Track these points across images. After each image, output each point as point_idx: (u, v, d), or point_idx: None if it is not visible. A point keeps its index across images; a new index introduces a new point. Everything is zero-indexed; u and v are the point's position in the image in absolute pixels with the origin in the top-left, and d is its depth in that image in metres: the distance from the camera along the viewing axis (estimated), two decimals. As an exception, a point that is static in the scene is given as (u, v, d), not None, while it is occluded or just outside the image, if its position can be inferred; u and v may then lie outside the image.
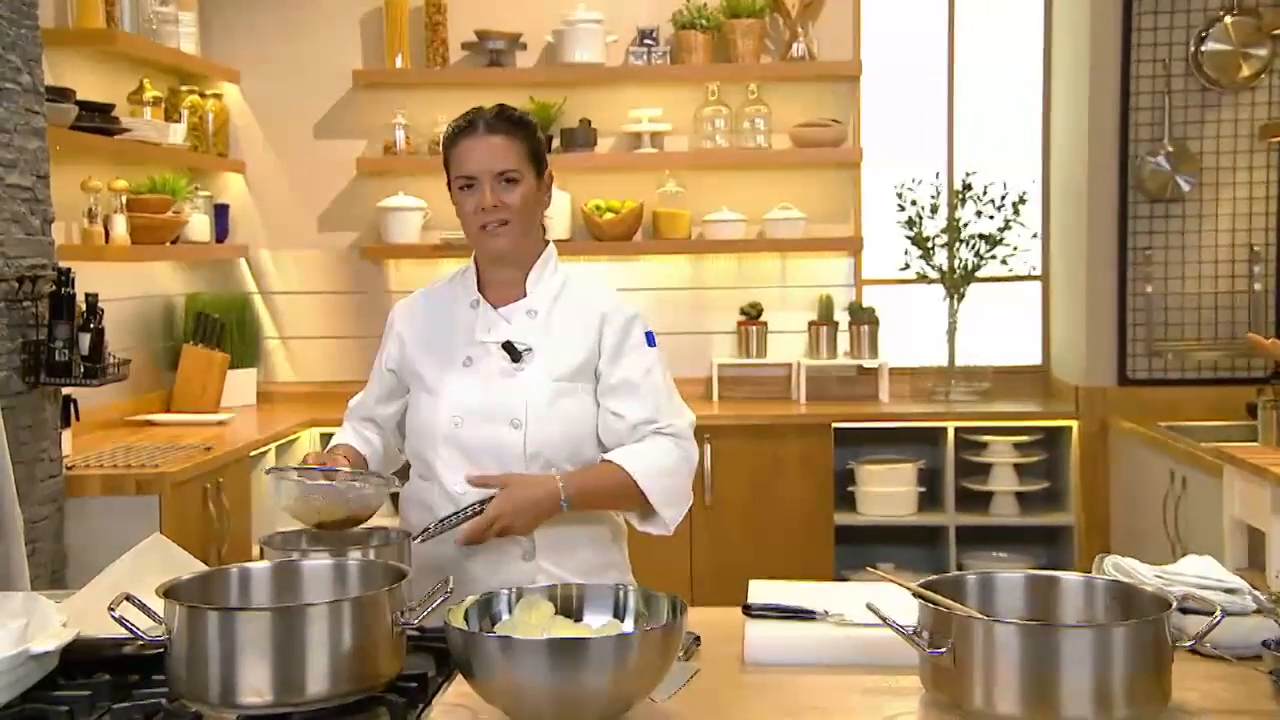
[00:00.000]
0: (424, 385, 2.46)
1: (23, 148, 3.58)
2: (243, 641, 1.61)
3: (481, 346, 2.43)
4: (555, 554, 2.41)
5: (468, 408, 2.40)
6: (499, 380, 2.41)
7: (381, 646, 1.68)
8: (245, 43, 5.43)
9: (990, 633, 1.57)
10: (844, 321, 5.36)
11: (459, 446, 2.39)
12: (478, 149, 2.35)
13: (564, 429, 2.41)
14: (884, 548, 5.24)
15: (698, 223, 5.36)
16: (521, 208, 2.37)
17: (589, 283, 2.53)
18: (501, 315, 2.44)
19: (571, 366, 2.43)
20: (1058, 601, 1.73)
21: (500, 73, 5.30)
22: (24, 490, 3.51)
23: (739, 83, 5.33)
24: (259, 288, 5.54)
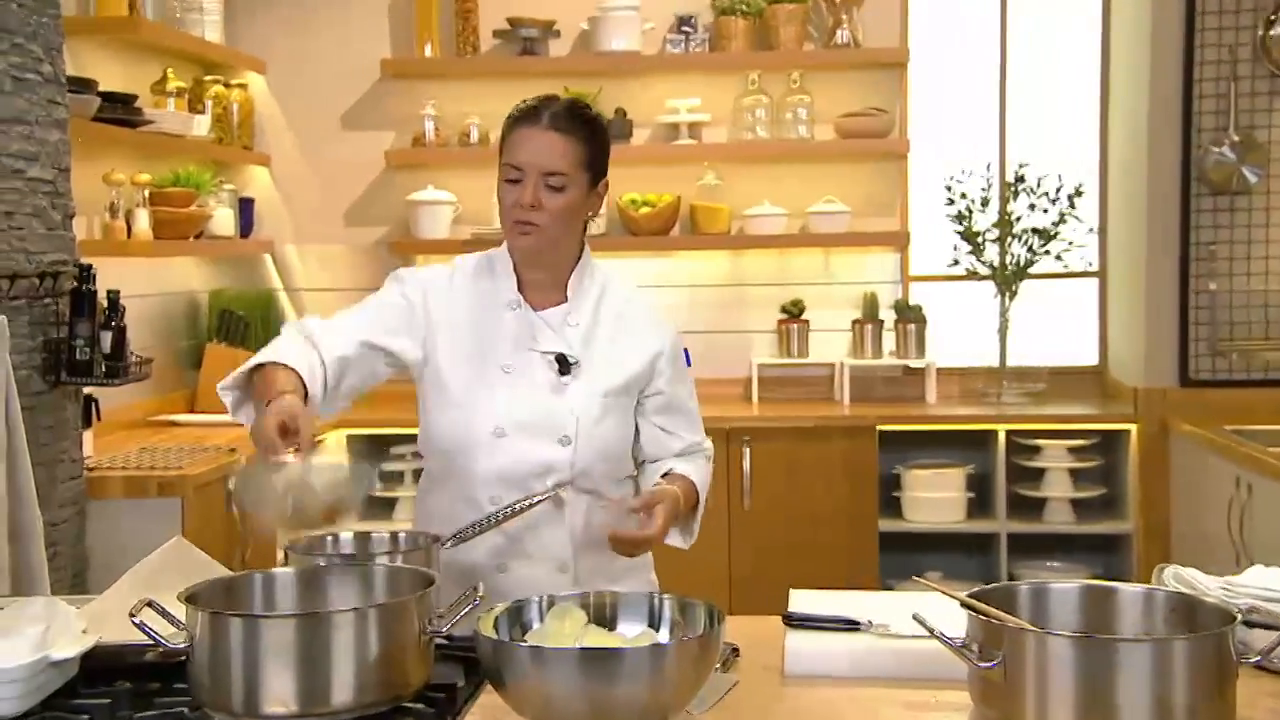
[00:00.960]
0: (452, 389, 2.37)
1: (44, 140, 3.61)
2: (266, 649, 1.62)
3: (525, 355, 2.37)
4: (591, 562, 2.40)
5: (512, 420, 2.34)
6: (545, 393, 2.36)
7: (409, 655, 1.69)
8: (271, 31, 5.47)
9: (1043, 645, 1.56)
10: (889, 320, 5.34)
11: (500, 460, 2.34)
12: (533, 141, 2.28)
13: (608, 446, 2.41)
14: (931, 556, 5.21)
15: (737, 217, 5.35)
16: (560, 214, 2.30)
17: (629, 291, 2.52)
18: (543, 318, 2.40)
19: (621, 382, 2.41)
20: (1115, 614, 1.71)
21: (533, 62, 5.31)
22: (44, 492, 3.55)
23: (781, 71, 5.32)
24: (285, 284, 5.57)
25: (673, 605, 1.73)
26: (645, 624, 1.72)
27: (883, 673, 1.84)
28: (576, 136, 2.31)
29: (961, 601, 1.66)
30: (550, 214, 2.29)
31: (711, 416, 4.86)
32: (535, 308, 2.40)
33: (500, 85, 5.33)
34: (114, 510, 3.77)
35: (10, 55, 3.47)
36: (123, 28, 4.52)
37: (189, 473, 3.80)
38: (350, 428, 5.00)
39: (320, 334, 2.36)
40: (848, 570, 4.81)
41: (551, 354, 2.36)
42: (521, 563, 2.36)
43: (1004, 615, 1.64)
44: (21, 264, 3.47)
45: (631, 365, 2.42)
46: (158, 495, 3.77)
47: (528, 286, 2.40)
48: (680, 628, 1.70)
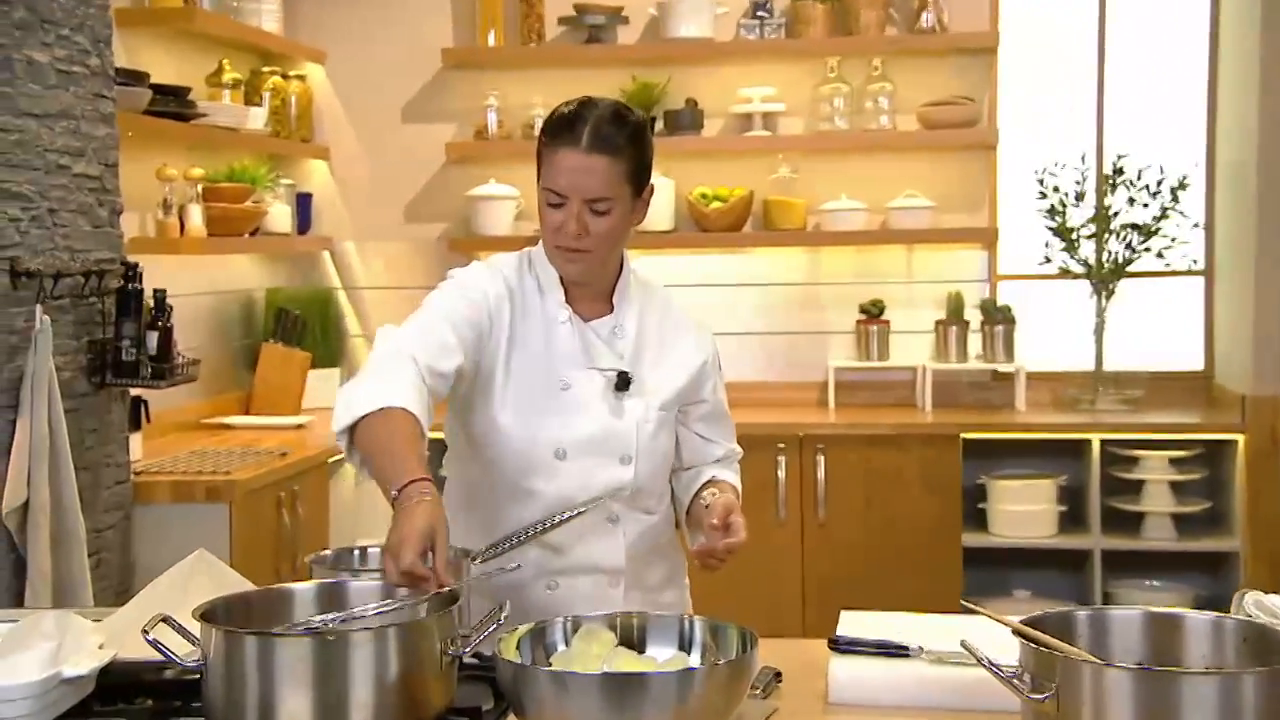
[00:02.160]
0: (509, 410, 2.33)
1: (90, 135, 3.68)
2: (282, 669, 1.63)
3: (584, 373, 2.37)
4: (638, 574, 2.42)
5: (574, 440, 2.34)
6: (605, 412, 2.37)
7: (429, 676, 1.69)
8: (332, 21, 5.52)
9: (1100, 677, 1.53)
10: (975, 321, 5.28)
11: (562, 482, 2.33)
12: (574, 167, 2.23)
13: (662, 462, 2.44)
14: (1019, 573, 5.14)
15: (813, 212, 5.32)
16: (607, 237, 2.29)
17: (662, 291, 2.52)
18: (593, 330, 2.39)
19: (673, 395, 2.44)
20: (1181, 644, 1.67)
21: (600, 50, 5.32)
22: (88, 497, 3.62)
23: (861, 57, 5.27)
24: (343, 282, 5.63)
25: (704, 628, 1.72)
26: (675, 646, 1.71)
27: (931, 702, 1.81)
28: (618, 154, 2.25)
29: (1013, 629, 1.63)
30: (596, 238, 2.28)
31: (784, 423, 4.93)
32: (584, 318, 2.40)
33: (565, 75, 5.34)
34: (161, 516, 3.83)
35: (55, 48, 3.54)
36: (177, 18, 4.59)
37: (237, 478, 3.85)
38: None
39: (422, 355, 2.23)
40: (929, 587, 4.76)
41: (612, 371, 2.37)
42: (572, 578, 2.37)
43: (1059, 644, 1.61)
44: (66, 262, 3.54)
45: (680, 378, 2.45)
46: (205, 501, 3.82)
47: (574, 297, 2.40)
48: (712, 651, 1.69)
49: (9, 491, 3.27)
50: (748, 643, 1.65)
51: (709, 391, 2.49)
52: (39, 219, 3.44)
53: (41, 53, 3.47)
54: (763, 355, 5.42)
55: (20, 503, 3.28)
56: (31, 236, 3.40)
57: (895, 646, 1.89)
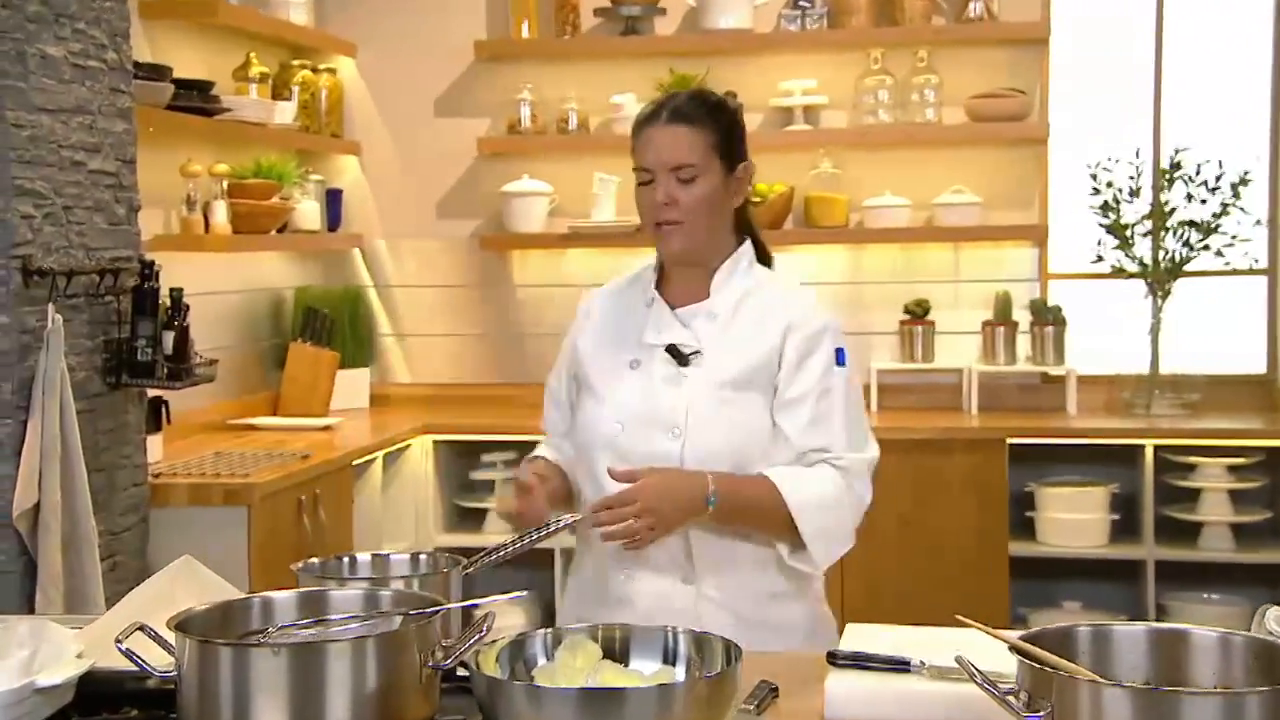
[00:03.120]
0: (589, 388, 2.54)
1: (107, 130, 3.72)
2: (256, 680, 1.63)
3: (648, 349, 2.49)
4: (718, 576, 2.44)
5: (630, 413, 2.46)
6: (662, 385, 2.46)
7: (409, 688, 1.68)
8: (362, 13, 5.55)
9: (1097, 696, 1.50)
10: (1024, 321, 5.23)
11: (619, 454, 2.44)
12: (655, 140, 2.40)
13: (728, 441, 2.43)
14: (1069, 584, 5.09)
15: (856, 209, 5.29)
16: (698, 206, 2.40)
17: (784, 286, 2.56)
18: (678, 317, 2.49)
19: (739, 372, 2.44)
20: (1188, 661, 1.64)
21: (637, 41, 5.31)
22: (103, 499, 3.65)
23: (906, 48, 5.24)
24: (374, 280, 5.65)
25: (688, 641, 1.71)
26: (660, 660, 1.70)
27: (931, 719, 1.79)
28: (701, 125, 2.41)
29: (1010, 645, 1.61)
30: (685, 208, 2.39)
31: (823, 426, 4.88)
32: (675, 305, 2.50)
33: (601, 67, 5.35)
34: (178, 519, 3.86)
35: (70, 42, 3.57)
36: (201, 11, 4.63)
37: (256, 481, 3.87)
38: (436, 433, 5.04)
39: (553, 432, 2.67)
40: (974, 598, 4.71)
41: (665, 346, 2.46)
42: (646, 571, 2.44)
43: (1059, 661, 1.59)
44: (80, 260, 3.57)
45: (751, 356, 2.44)
46: (223, 504, 3.85)
47: (672, 283, 2.52)
48: (696, 665, 1.68)
49: (19, 494, 3.30)
50: (732, 656, 1.63)
51: (799, 383, 2.43)
52: (53, 216, 3.47)
53: (56, 47, 3.51)
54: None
55: (31, 505, 3.32)
56: (45, 234, 3.43)
57: (896, 661, 1.87)
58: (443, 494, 5.13)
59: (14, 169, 3.34)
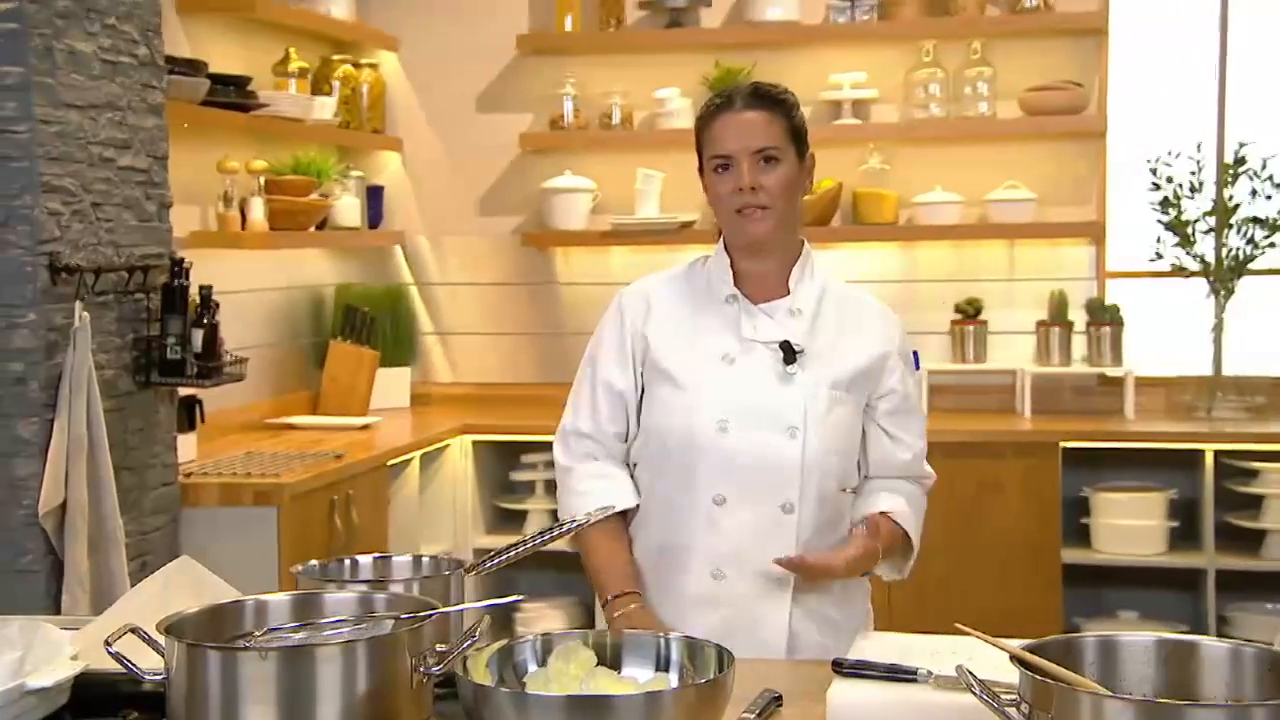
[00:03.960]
0: (674, 381, 2.49)
1: (138, 126, 3.76)
2: (245, 684, 1.64)
3: (747, 344, 2.48)
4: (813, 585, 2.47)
5: (735, 410, 2.44)
6: (770, 382, 2.46)
7: (399, 693, 1.69)
8: (405, 6, 5.58)
9: (1099, 709, 1.48)
10: (1080, 321, 5.17)
11: (723, 454, 2.43)
12: (734, 125, 2.43)
13: (840, 442, 2.48)
14: (1125, 592, 5.03)
15: (906, 205, 5.26)
16: (781, 189, 2.43)
17: (852, 288, 2.62)
18: (764, 312, 2.50)
19: (850, 374, 2.48)
20: (1197, 673, 1.61)
21: (682, 34, 5.31)
22: (133, 498, 3.70)
23: (959, 40, 5.20)
24: (415, 278, 5.68)
25: (681, 647, 1.70)
26: (653, 666, 1.70)
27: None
28: (775, 112, 2.46)
29: (1012, 655, 1.59)
30: (770, 191, 2.42)
31: (870, 428, 4.85)
32: (753, 301, 2.51)
33: (645, 60, 5.34)
34: (209, 519, 3.90)
35: (100, 37, 3.62)
36: (238, 6, 4.67)
37: (286, 481, 3.90)
38: (476, 434, 5.06)
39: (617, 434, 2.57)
40: (1026, 605, 4.68)
41: (775, 342, 2.46)
42: (740, 570, 2.44)
43: (1060, 672, 1.57)
44: (109, 257, 3.62)
45: (860, 358, 2.49)
46: (253, 504, 3.88)
47: (746, 280, 2.52)
48: (690, 672, 1.68)
49: (45, 492, 3.34)
50: (724, 663, 1.63)
51: (897, 381, 2.52)
52: (81, 213, 3.52)
53: (85, 42, 3.55)
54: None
55: (57, 504, 3.36)
56: (72, 231, 3.48)
57: (902, 671, 1.86)
58: (482, 495, 5.15)
59: (41, 165, 3.38)
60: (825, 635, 2.43)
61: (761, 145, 2.41)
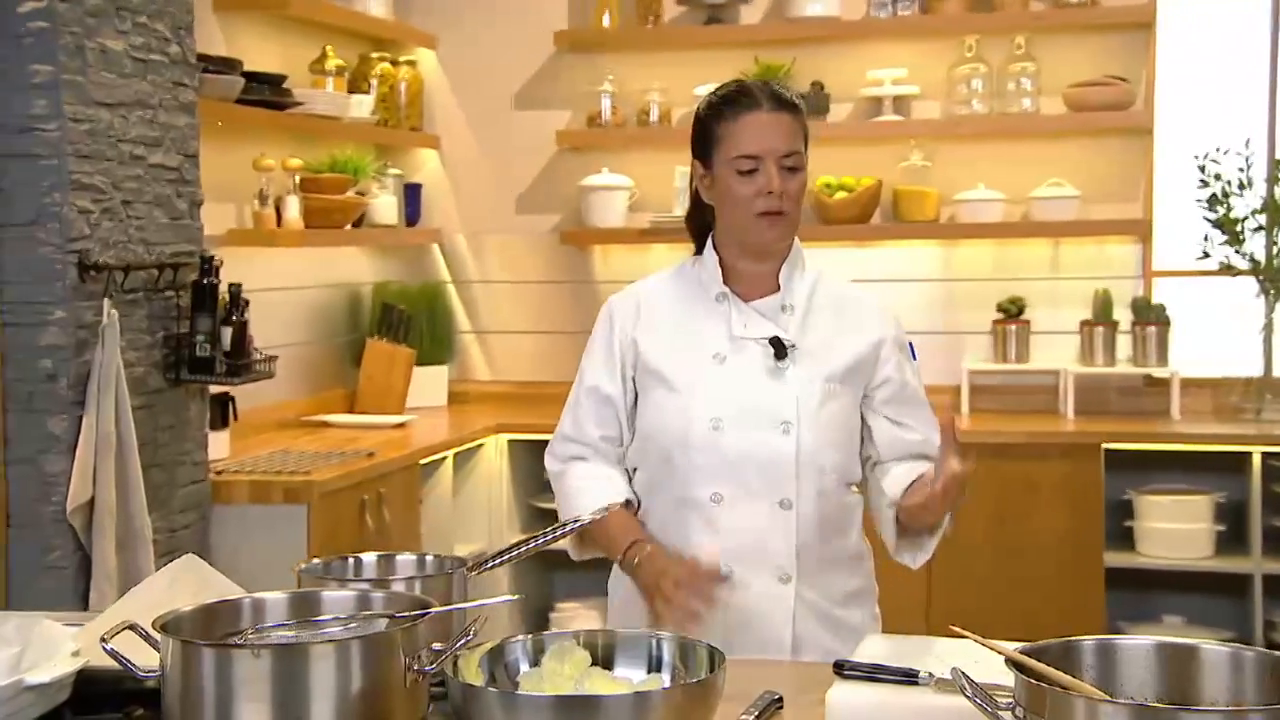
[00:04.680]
0: (666, 383, 2.50)
1: (169, 124, 3.80)
2: (238, 682, 1.65)
3: (737, 342, 2.48)
4: (814, 577, 2.47)
5: (728, 409, 2.44)
6: (762, 379, 2.46)
7: (393, 692, 1.69)
8: (443, 3, 5.60)
9: (1093, 713, 1.47)
10: (1125, 321, 5.12)
11: (718, 452, 2.44)
12: (763, 126, 2.40)
13: (836, 436, 2.48)
14: (1170, 597, 4.98)
15: (947, 203, 5.23)
16: (800, 196, 2.45)
17: (844, 282, 2.61)
18: (755, 310, 2.50)
19: (844, 366, 2.49)
20: (1197, 678, 1.59)
21: (720, 30, 5.30)
22: (163, 495, 3.74)
23: (1002, 35, 5.16)
24: (453, 276, 5.70)
25: (673, 648, 1.70)
26: (644, 666, 1.70)
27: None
28: (796, 112, 2.45)
29: (1008, 658, 1.58)
30: (791, 199, 2.42)
31: (909, 428, 4.83)
32: (744, 299, 2.51)
33: (684, 57, 5.34)
34: (239, 516, 3.94)
35: (132, 36, 3.66)
36: (274, 4, 4.71)
37: (317, 479, 3.93)
38: (511, 432, 5.08)
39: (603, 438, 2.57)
40: (1067, 609, 4.64)
41: (765, 339, 2.46)
42: (741, 570, 2.43)
43: (1056, 675, 1.55)
44: (139, 255, 3.66)
45: (852, 350, 2.49)
46: (283, 502, 3.91)
47: (737, 279, 2.52)
48: (681, 673, 1.68)
49: (73, 489, 3.39)
50: (715, 664, 1.63)
51: (892, 370, 2.51)
52: (111, 211, 3.56)
53: (117, 41, 3.59)
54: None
55: (85, 500, 3.40)
56: (102, 229, 3.52)
57: (903, 673, 1.85)
58: (517, 494, 5.16)
59: (71, 164, 3.43)
60: (831, 636, 2.42)
61: (789, 149, 2.41)
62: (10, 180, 3.41)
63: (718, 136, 2.44)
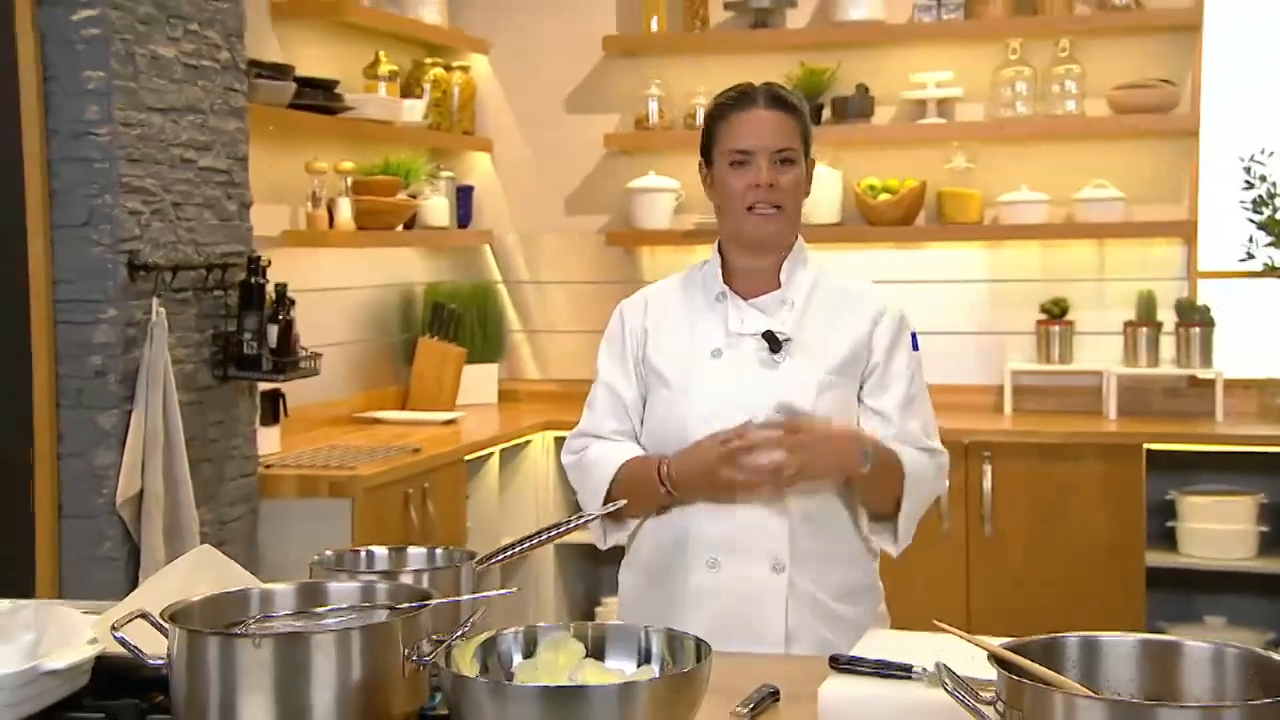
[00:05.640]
0: (665, 381, 2.53)
1: (219, 129, 3.85)
2: (240, 670, 1.67)
3: (734, 338, 2.50)
4: (810, 566, 2.45)
5: (723, 403, 2.45)
6: (757, 373, 2.47)
7: (392, 681, 1.71)
8: (497, 10, 5.63)
9: (1071, 708, 1.45)
10: (1169, 322, 5.05)
11: None
12: (757, 123, 2.46)
13: None
14: (1213, 598, 4.91)
15: (991, 204, 5.19)
16: (794, 190, 2.48)
17: (845, 274, 2.62)
18: (754, 306, 2.52)
19: (838, 359, 2.49)
20: (1179, 675, 1.57)
21: (766, 35, 5.29)
22: (211, 489, 3.79)
23: (1046, 38, 5.12)
24: (504, 276, 5.73)
25: (662, 640, 1.70)
26: (635, 658, 1.70)
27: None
28: (793, 112, 2.51)
29: (990, 653, 1.57)
30: (785, 191, 2.46)
31: (950, 428, 4.76)
32: (745, 297, 2.52)
33: (730, 61, 5.33)
34: (286, 510, 3.99)
35: (183, 43, 3.71)
36: (328, 11, 4.75)
37: (361, 473, 3.96)
38: (559, 429, 5.09)
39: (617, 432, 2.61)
40: (1108, 608, 4.59)
41: (759, 334, 2.47)
42: (735, 559, 2.44)
43: (1037, 670, 1.54)
44: (189, 255, 3.71)
45: (848, 342, 2.50)
46: (329, 496, 3.95)
47: (737, 276, 2.54)
48: (670, 665, 1.68)
49: (122, 482, 3.44)
50: (701, 655, 1.63)
51: (880, 355, 2.50)
52: (161, 212, 3.61)
53: (167, 47, 3.65)
54: (934, 357, 5.26)
55: (134, 493, 3.46)
56: (152, 230, 3.57)
57: (898, 667, 1.84)
58: (564, 490, 5.17)
59: (122, 167, 3.48)
60: (827, 629, 2.40)
61: (782, 145, 2.45)
62: (63, 183, 3.47)
63: (717, 135, 2.51)
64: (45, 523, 3.48)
